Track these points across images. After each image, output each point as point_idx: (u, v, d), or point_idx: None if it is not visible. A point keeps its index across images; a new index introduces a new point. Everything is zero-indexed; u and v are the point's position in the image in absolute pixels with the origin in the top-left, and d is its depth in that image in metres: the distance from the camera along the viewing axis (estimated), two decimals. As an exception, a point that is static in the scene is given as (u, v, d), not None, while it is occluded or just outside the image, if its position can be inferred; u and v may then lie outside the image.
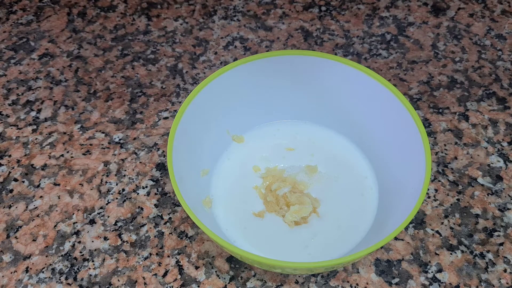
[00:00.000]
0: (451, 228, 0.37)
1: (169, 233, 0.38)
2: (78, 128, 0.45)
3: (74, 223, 0.38)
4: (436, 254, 0.36)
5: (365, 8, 0.55)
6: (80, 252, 0.37)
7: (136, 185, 0.41)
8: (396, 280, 0.35)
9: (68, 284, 0.35)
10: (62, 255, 0.37)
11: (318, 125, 0.41)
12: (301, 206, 0.35)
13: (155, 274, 0.35)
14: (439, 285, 0.35)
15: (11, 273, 0.36)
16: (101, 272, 0.36)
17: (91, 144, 0.43)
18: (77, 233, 0.38)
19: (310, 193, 0.37)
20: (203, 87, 0.34)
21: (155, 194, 0.40)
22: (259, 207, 0.37)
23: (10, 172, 0.42)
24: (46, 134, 0.44)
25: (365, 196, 0.37)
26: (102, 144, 0.43)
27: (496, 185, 0.40)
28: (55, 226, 0.38)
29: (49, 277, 0.36)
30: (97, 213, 0.39)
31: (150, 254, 0.37)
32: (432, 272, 0.35)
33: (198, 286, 0.35)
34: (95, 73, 0.49)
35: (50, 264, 0.36)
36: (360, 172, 0.38)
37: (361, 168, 0.38)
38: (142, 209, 0.39)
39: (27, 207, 0.40)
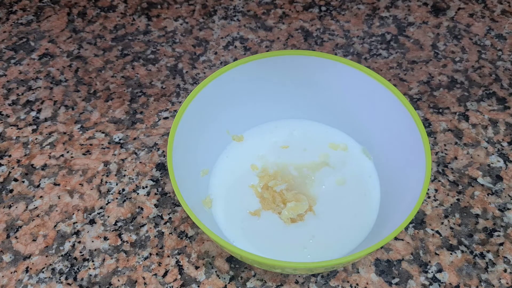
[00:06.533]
0: (451, 228, 0.37)
1: (169, 233, 0.38)
2: (78, 128, 0.45)
3: (74, 223, 0.38)
4: (436, 254, 0.36)
5: (365, 8, 0.55)
6: (80, 252, 0.37)
7: (136, 185, 0.41)
8: (396, 280, 0.35)
9: (68, 284, 0.35)
10: (62, 255, 0.37)
11: (318, 123, 0.41)
12: (297, 203, 0.35)
13: (155, 274, 0.35)
14: (439, 285, 0.35)
15: (11, 273, 0.36)
16: (101, 272, 0.36)
17: (91, 144, 0.43)
18: (77, 233, 0.38)
19: (312, 192, 0.37)
20: (203, 87, 0.34)
21: (155, 194, 0.40)
22: (256, 206, 0.37)
23: (10, 172, 0.42)
24: (46, 134, 0.44)
25: (367, 196, 0.37)
26: (102, 144, 0.43)
27: (496, 185, 0.40)
28: (55, 226, 0.38)
29: (49, 277, 0.36)
30: (97, 213, 0.39)
31: (150, 254, 0.37)
32: (432, 272, 0.35)
33: (198, 286, 0.35)
34: (95, 73, 0.49)
35: (50, 264, 0.36)
36: (363, 172, 0.38)
37: (364, 168, 0.38)
38: (142, 209, 0.39)
39: (27, 207, 0.40)
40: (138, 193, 0.40)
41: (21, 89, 0.48)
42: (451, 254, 0.36)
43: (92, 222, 0.38)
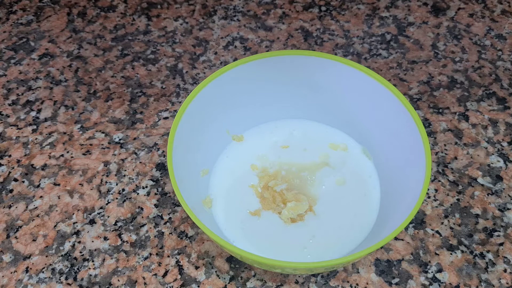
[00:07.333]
0: (451, 228, 0.37)
1: (169, 233, 0.38)
2: (78, 128, 0.45)
3: (74, 223, 0.38)
4: (436, 254, 0.36)
5: (365, 8, 0.55)
6: (80, 252, 0.37)
7: (136, 185, 0.41)
8: (396, 280, 0.35)
9: (68, 284, 0.35)
10: (62, 255, 0.37)
11: (318, 123, 0.41)
12: (298, 203, 0.35)
13: (155, 274, 0.35)
14: (439, 285, 0.35)
15: (11, 273, 0.36)
16: (101, 272, 0.36)
17: (91, 144, 0.43)
18: (77, 233, 0.38)
19: (312, 192, 0.37)
20: (203, 87, 0.34)
21: (155, 194, 0.40)
22: (256, 206, 0.37)
23: (10, 172, 0.42)
24: (46, 134, 0.44)
25: (367, 196, 0.37)
26: (102, 144, 0.43)
27: (496, 185, 0.40)
28: (55, 226, 0.38)
29: (49, 277, 0.36)
30: (97, 213, 0.39)
31: (150, 254, 0.37)
32: (432, 272, 0.35)
33: (198, 286, 0.35)
34: (95, 73, 0.49)
35: (50, 264, 0.36)
36: (363, 172, 0.38)
37: (364, 168, 0.38)
38: (142, 209, 0.39)
39: (27, 207, 0.40)
40: (138, 193, 0.40)
41: (21, 89, 0.48)
42: (451, 254, 0.36)
43: (92, 222, 0.38)
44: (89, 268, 0.36)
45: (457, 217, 0.38)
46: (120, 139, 0.44)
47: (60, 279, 0.35)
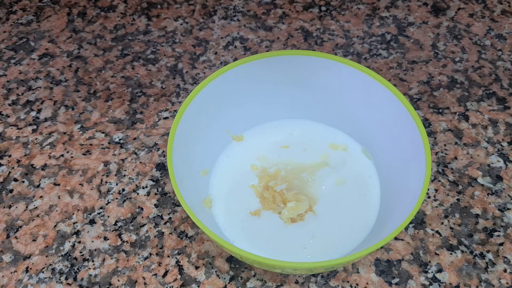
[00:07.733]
0: (451, 228, 0.37)
1: (169, 233, 0.38)
2: (78, 128, 0.45)
3: (74, 223, 0.38)
4: (436, 254, 0.36)
5: (365, 8, 0.55)
6: (80, 252, 0.37)
7: (136, 185, 0.41)
8: (396, 280, 0.35)
9: (68, 284, 0.35)
10: (62, 255, 0.37)
11: (318, 123, 0.41)
12: (298, 203, 0.35)
13: (155, 274, 0.35)
14: (439, 285, 0.35)
15: (11, 273, 0.36)
16: (101, 272, 0.36)
17: (91, 144, 0.43)
18: (77, 233, 0.38)
19: (312, 192, 0.37)
20: (203, 87, 0.34)
21: (155, 194, 0.40)
22: (256, 206, 0.37)
23: (10, 172, 0.42)
24: (46, 134, 0.44)
25: (367, 196, 0.37)
26: (102, 144, 0.43)
27: (496, 185, 0.40)
28: (55, 226, 0.38)
29: (49, 277, 0.36)
30: (97, 213, 0.39)
31: (150, 254, 0.37)
32: (432, 272, 0.35)
33: (198, 286, 0.35)
34: (95, 73, 0.49)
35: (50, 264, 0.36)
36: (363, 172, 0.38)
37: (364, 168, 0.38)
38: (142, 209, 0.39)
39: (27, 207, 0.40)
40: (138, 193, 0.40)
41: (21, 89, 0.48)
42: (451, 254, 0.36)
43: (92, 222, 0.38)
44: (89, 268, 0.36)
45: (457, 217, 0.38)
46: (120, 139, 0.44)
47: (60, 279, 0.35)
